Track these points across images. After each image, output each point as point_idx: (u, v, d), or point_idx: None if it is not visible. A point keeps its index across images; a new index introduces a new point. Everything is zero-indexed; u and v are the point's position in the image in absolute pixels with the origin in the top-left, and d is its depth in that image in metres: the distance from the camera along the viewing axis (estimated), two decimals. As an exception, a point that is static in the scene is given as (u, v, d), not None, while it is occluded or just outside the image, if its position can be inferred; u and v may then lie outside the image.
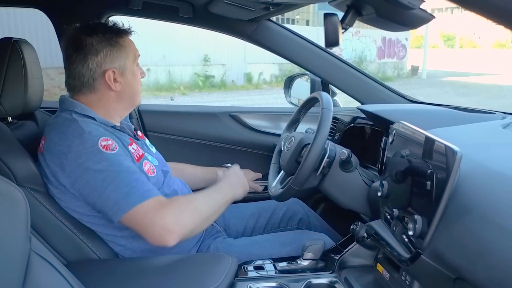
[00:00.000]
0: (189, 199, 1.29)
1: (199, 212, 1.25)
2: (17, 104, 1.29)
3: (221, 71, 13.40)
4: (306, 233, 1.57)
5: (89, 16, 1.42)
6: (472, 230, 0.87)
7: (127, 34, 1.33)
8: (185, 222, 1.19)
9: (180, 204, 1.23)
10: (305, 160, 1.27)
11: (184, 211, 1.21)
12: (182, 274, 1.13)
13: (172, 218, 1.16)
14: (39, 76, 1.37)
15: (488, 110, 1.55)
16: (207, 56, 12.96)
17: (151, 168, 1.33)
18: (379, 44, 17.54)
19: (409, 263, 1.00)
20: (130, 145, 1.30)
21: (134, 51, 1.35)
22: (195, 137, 1.91)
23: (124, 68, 1.31)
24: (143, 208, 1.15)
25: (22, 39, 1.33)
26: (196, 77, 12.93)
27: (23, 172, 1.18)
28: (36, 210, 1.17)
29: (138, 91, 1.39)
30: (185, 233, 1.18)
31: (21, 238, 0.83)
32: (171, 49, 11.96)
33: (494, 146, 1.14)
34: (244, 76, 14.01)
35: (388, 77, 16.59)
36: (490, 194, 0.90)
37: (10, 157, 1.18)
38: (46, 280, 0.86)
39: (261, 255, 1.38)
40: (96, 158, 1.15)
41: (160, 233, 1.14)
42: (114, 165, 1.16)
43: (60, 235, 1.19)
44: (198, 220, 1.23)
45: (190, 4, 1.64)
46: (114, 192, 1.14)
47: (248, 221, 1.65)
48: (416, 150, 1.06)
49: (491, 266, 0.79)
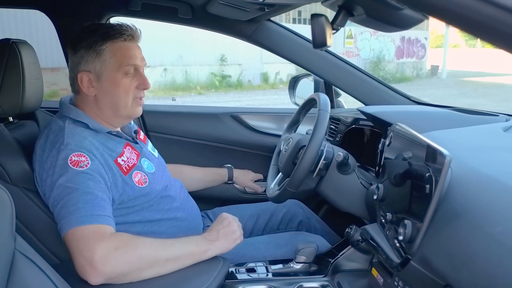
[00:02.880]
0: (135, 242, 1.12)
1: (141, 257, 1.10)
2: (15, 104, 1.30)
3: (238, 71, 13.43)
4: (302, 235, 1.55)
5: (89, 17, 1.42)
6: (459, 237, 0.84)
7: (113, 40, 1.24)
8: (117, 264, 1.07)
9: (121, 242, 1.09)
10: (300, 162, 1.26)
11: (121, 251, 1.08)
12: (171, 275, 1.12)
13: (101, 255, 1.05)
14: (38, 77, 1.38)
15: (492, 112, 1.51)
16: (223, 56, 13.00)
17: (142, 178, 1.28)
18: (398, 44, 17.30)
19: (400, 268, 0.98)
20: (121, 155, 1.26)
21: (122, 59, 1.24)
22: (197, 138, 1.91)
23: (100, 74, 1.24)
24: (78, 232, 1.08)
25: (21, 40, 1.34)
26: (212, 76, 12.98)
27: (17, 172, 1.20)
28: (29, 209, 1.19)
29: (119, 102, 1.27)
30: (114, 275, 1.07)
31: (5, 237, 0.84)
32: (188, 49, 12.04)
33: (490, 149, 1.11)
34: (260, 76, 14.00)
35: (406, 77, 16.38)
36: (480, 199, 0.88)
37: (5, 156, 1.20)
38: (30, 280, 0.86)
39: (255, 257, 1.37)
40: (61, 172, 1.14)
41: (83, 265, 1.05)
42: (72, 182, 1.13)
43: (53, 234, 1.19)
44: (135, 266, 1.09)
45: (188, 5, 1.64)
46: (62, 209, 1.12)
47: (246, 222, 1.63)
48: (412, 153, 1.04)
49: (476, 274, 0.77)
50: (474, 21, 0.49)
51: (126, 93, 1.26)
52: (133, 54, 1.26)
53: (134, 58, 1.27)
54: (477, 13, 0.48)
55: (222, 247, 1.21)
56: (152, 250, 1.12)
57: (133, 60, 1.26)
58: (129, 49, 1.26)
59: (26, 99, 1.31)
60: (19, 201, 1.17)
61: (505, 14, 0.45)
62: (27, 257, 0.88)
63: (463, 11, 0.49)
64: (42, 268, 0.90)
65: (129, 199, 1.24)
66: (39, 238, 1.20)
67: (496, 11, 0.46)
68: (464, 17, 0.49)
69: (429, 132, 1.26)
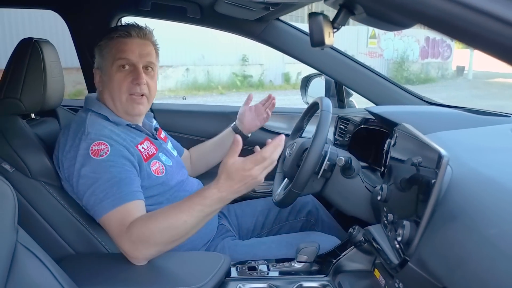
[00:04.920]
0: (146, 226, 1.11)
1: (157, 239, 1.11)
2: (37, 101, 1.34)
3: (259, 71, 13.42)
4: (314, 235, 1.54)
5: (100, 17, 1.47)
6: (455, 238, 0.83)
7: (109, 35, 1.33)
8: (145, 251, 1.11)
9: (138, 233, 1.10)
10: (305, 162, 1.26)
11: (138, 241, 1.10)
12: (172, 271, 1.14)
13: (128, 248, 1.11)
14: (60, 75, 1.43)
15: (503, 113, 1.47)
16: (245, 56, 13.02)
17: (160, 168, 1.34)
18: (423, 44, 16.99)
19: (398, 269, 0.97)
20: (141, 144, 1.33)
21: (116, 54, 1.31)
22: (206, 136, 1.93)
23: (102, 69, 1.36)
24: (107, 220, 1.16)
25: (43, 39, 1.38)
26: (234, 76, 13.02)
27: (38, 166, 1.26)
28: (48, 202, 1.24)
29: (114, 95, 1.33)
30: (150, 256, 1.13)
31: (7, 229, 0.87)
32: (210, 49, 12.09)
33: (495, 150, 1.08)
34: (282, 76, 13.96)
35: (431, 78, 16.08)
36: (479, 200, 0.86)
37: (26, 151, 1.26)
38: (31, 271, 0.89)
39: (266, 256, 1.37)
40: (84, 161, 1.21)
41: (126, 253, 1.13)
42: (96, 172, 1.19)
43: (70, 227, 1.25)
44: (158, 247, 1.12)
45: (197, 4, 1.66)
46: (91, 197, 1.19)
47: (258, 217, 1.66)
48: (415, 153, 1.03)
49: (468, 277, 0.75)
50: (435, 18, 0.49)
51: (119, 87, 1.31)
52: (127, 49, 1.31)
53: (129, 52, 1.30)
54: (436, 10, 0.48)
55: (239, 193, 1.08)
56: (166, 229, 1.09)
57: (126, 54, 1.30)
58: (123, 44, 1.31)
59: (48, 96, 1.35)
60: (39, 194, 1.24)
61: (465, 11, 0.45)
62: (28, 250, 0.91)
63: (427, 9, 0.49)
64: (42, 260, 0.92)
65: (144, 188, 1.27)
66: (57, 231, 1.24)
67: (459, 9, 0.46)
68: (424, 14, 0.49)
69: (435, 132, 1.24)
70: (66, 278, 0.96)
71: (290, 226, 1.66)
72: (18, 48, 1.33)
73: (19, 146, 1.25)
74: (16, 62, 1.32)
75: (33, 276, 0.89)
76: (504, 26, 0.46)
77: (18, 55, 1.32)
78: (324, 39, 0.95)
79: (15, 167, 1.24)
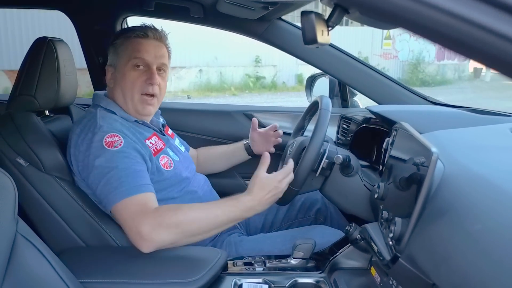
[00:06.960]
0: (176, 212, 1.18)
1: (183, 228, 1.17)
2: (50, 98, 1.39)
3: (272, 72, 13.41)
4: (320, 228, 1.54)
5: (106, 17, 1.50)
6: (442, 234, 0.84)
7: (126, 35, 1.38)
8: (164, 237, 1.15)
9: (165, 217, 1.16)
10: (303, 159, 1.27)
11: (164, 224, 1.15)
12: (168, 264, 1.16)
13: (148, 230, 1.13)
14: (73, 73, 1.47)
15: (505, 113, 1.46)
16: (258, 57, 13.01)
17: (168, 162, 1.38)
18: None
19: (390, 265, 0.97)
20: (149, 138, 1.36)
21: (131, 53, 1.35)
22: (210, 135, 1.95)
23: (115, 66, 1.38)
24: (123, 206, 1.18)
25: (57, 39, 1.43)
26: (247, 78, 13.04)
27: (51, 161, 1.30)
28: (60, 196, 1.28)
29: (126, 93, 1.36)
30: (163, 245, 1.16)
31: (7, 220, 0.90)
32: (223, 51, 12.13)
33: (491, 149, 1.08)
34: (295, 78, 13.91)
35: (447, 80, 15.85)
36: (467, 197, 0.87)
37: (40, 147, 1.29)
38: (29, 261, 0.92)
39: (271, 251, 1.38)
40: (98, 153, 1.24)
41: (134, 238, 1.15)
42: (110, 162, 1.22)
43: (81, 220, 1.28)
44: (179, 236, 1.17)
45: (200, 4, 1.68)
46: (104, 187, 1.21)
47: (267, 216, 1.67)
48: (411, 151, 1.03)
49: (452, 272, 0.76)
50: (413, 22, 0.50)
51: (132, 85, 1.35)
52: (143, 49, 1.35)
53: (144, 53, 1.34)
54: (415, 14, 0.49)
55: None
56: (197, 222, 1.18)
57: (141, 54, 1.34)
58: (139, 44, 1.35)
59: (61, 94, 1.40)
60: (51, 188, 1.28)
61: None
62: (28, 240, 0.94)
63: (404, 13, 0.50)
64: (41, 250, 0.95)
65: (154, 182, 1.30)
66: (68, 223, 1.28)
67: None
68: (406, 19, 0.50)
69: (433, 131, 1.24)
70: (64, 268, 0.99)
71: (299, 224, 1.67)
72: (33, 47, 1.37)
73: (33, 142, 1.29)
74: (31, 60, 1.36)
75: (32, 265, 0.92)
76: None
77: (33, 54, 1.36)
78: (317, 37, 0.96)
79: (29, 161, 1.27)
